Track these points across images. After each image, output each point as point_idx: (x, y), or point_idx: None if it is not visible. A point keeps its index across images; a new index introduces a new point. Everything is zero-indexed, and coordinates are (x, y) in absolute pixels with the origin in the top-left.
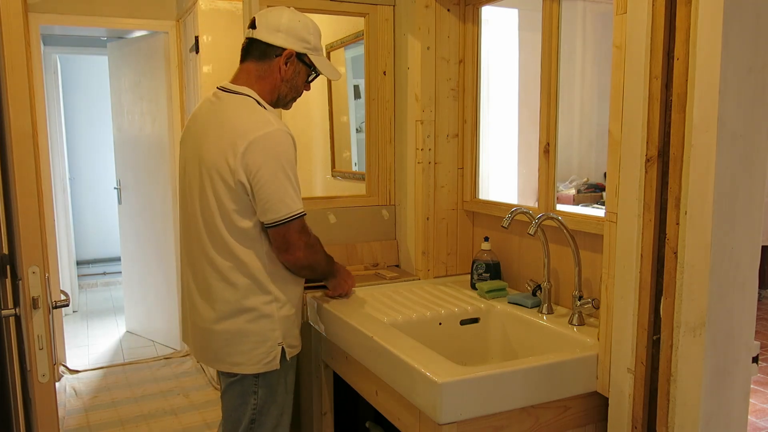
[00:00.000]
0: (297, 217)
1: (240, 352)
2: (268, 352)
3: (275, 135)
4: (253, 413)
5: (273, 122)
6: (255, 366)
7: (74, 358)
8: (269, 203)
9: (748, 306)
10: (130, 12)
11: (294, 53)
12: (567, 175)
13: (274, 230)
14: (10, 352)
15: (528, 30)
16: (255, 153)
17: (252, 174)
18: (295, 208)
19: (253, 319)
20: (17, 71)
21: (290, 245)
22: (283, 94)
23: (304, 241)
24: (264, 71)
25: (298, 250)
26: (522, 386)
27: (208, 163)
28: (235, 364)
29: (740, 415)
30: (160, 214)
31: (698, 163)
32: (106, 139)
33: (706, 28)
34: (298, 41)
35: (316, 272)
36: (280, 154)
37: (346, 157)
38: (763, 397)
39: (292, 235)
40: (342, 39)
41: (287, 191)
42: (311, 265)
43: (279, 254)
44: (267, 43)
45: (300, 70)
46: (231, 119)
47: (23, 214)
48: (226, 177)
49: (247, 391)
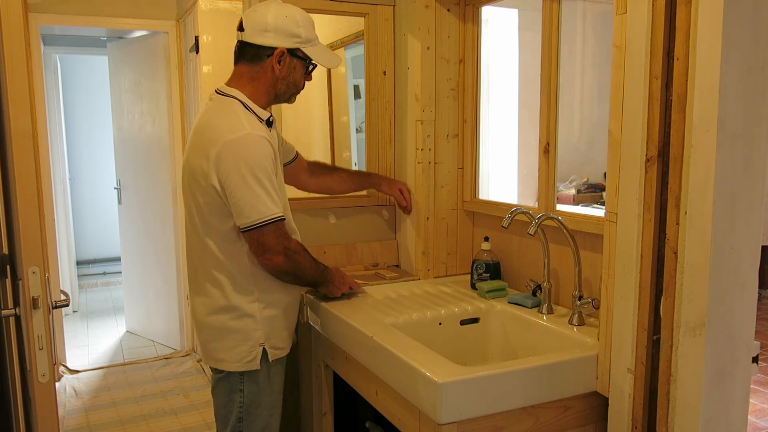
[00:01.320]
0: (271, 222)
1: (223, 348)
2: (249, 351)
3: (245, 139)
4: (240, 411)
5: (246, 126)
6: (236, 364)
7: (74, 358)
8: (240, 208)
9: (748, 306)
10: (130, 12)
11: (285, 51)
12: (567, 175)
13: (248, 234)
14: (10, 352)
15: (528, 30)
16: (225, 158)
17: (223, 179)
18: (267, 213)
19: (236, 317)
20: (17, 71)
21: (266, 249)
22: (281, 92)
23: (282, 246)
24: (256, 72)
25: (276, 255)
26: (522, 386)
27: (190, 166)
28: (218, 360)
29: (740, 415)
30: (160, 214)
31: (698, 163)
32: (106, 139)
33: (706, 28)
34: (288, 38)
35: (302, 280)
36: (249, 158)
37: (346, 157)
38: (763, 397)
39: (268, 239)
40: (342, 39)
41: (258, 196)
42: (293, 272)
43: (257, 258)
44: (257, 45)
45: (295, 65)
46: (209, 123)
47: (23, 214)
48: (202, 181)
49: (233, 389)
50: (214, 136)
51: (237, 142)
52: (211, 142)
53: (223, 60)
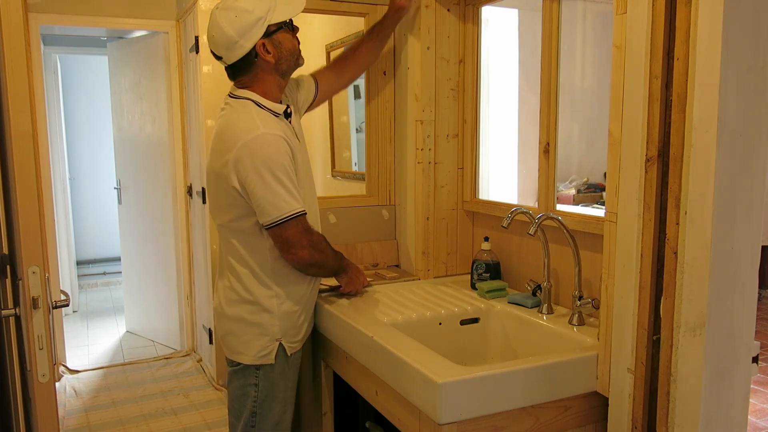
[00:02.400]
0: (293, 218)
1: (240, 341)
2: (266, 345)
3: (260, 139)
4: (254, 405)
5: (260, 127)
6: (252, 357)
7: (74, 358)
8: (261, 207)
9: (748, 306)
10: (130, 12)
11: (262, 41)
12: (567, 175)
13: (272, 231)
14: (10, 352)
15: (528, 30)
16: (242, 159)
17: (242, 180)
18: (288, 209)
19: (255, 311)
20: (17, 71)
21: (291, 245)
22: (287, 68)
23: (306, 240)
24: (256, 75)
25: (301, 249)
26: (522, 386)
27: (212, 169)
28: (234, 352)
29: (740, 415)
30: (160, 214)
31: (698, 163)
32: (106, 139)
33: (706, 28)
34: (254, 29)
35: (325, 269)
36: (266, 157)
37: (346, 157)
38: (763, 397)
39: (291, 235)
40: (342, 39)
41: (277, 193)
42: (318, 263)
43: (282, 254)
44: (240, 59)
45: (280, 39)
46: (226, 127)
47: (23, 214)
48: (223, 183)
49: (248, 382)
50: (231, 140)
51: (253, 142)
52: (229, 145)
53: None
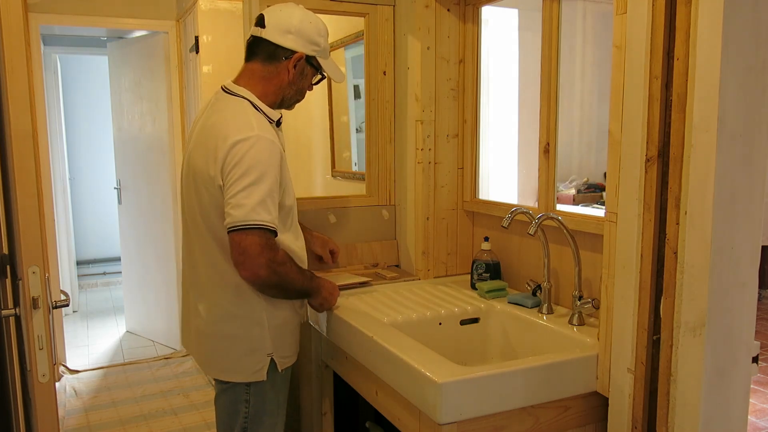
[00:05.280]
0: (259, 228)
1: (229, 359)
2: (257, 361)
3: (254, 141)
4: (244, 422)
5: (255, 128)
6: (242, 374)
7: (74, 358)
8: (229, 205)
9: (748, 306)
10: (130, 12)
11: (304, 56)
12: (567, 175)
13: (232, 236)
14: (10, 352)
15: (528, 30)
16: (230, 158)
17: (224, 176)
18: (257, 218)
19: (244, 325)
20: (17, 71)
21: (248, 256)
22: (288, 96)
23: (266, 258)
24: (270, 73)
25: (258, 267)
26: (522, 386)
27: (195, 167)
28: (223, 371)
29: (740, 415)
30: (160, 214)
31: (698, 163)
32: (106, 139)
33: (706, 28)
34: (308, 44)
35: (290, 293)
36: (254, 160)
37: (346, 157)
38: (763, 397)
39: (251, 245)
40: (342, 39)
41: (251, 197)
42: (280, 285)
43: (238, 269)
44: (276, 44)
45: (307, 73)
46: (218, 123)
47: (23, 214)
48: (208, 183)
49: (238, 399)
50: (223, 137)
51: (244, 143)
52: (219, 143)
53: (223, 60)
